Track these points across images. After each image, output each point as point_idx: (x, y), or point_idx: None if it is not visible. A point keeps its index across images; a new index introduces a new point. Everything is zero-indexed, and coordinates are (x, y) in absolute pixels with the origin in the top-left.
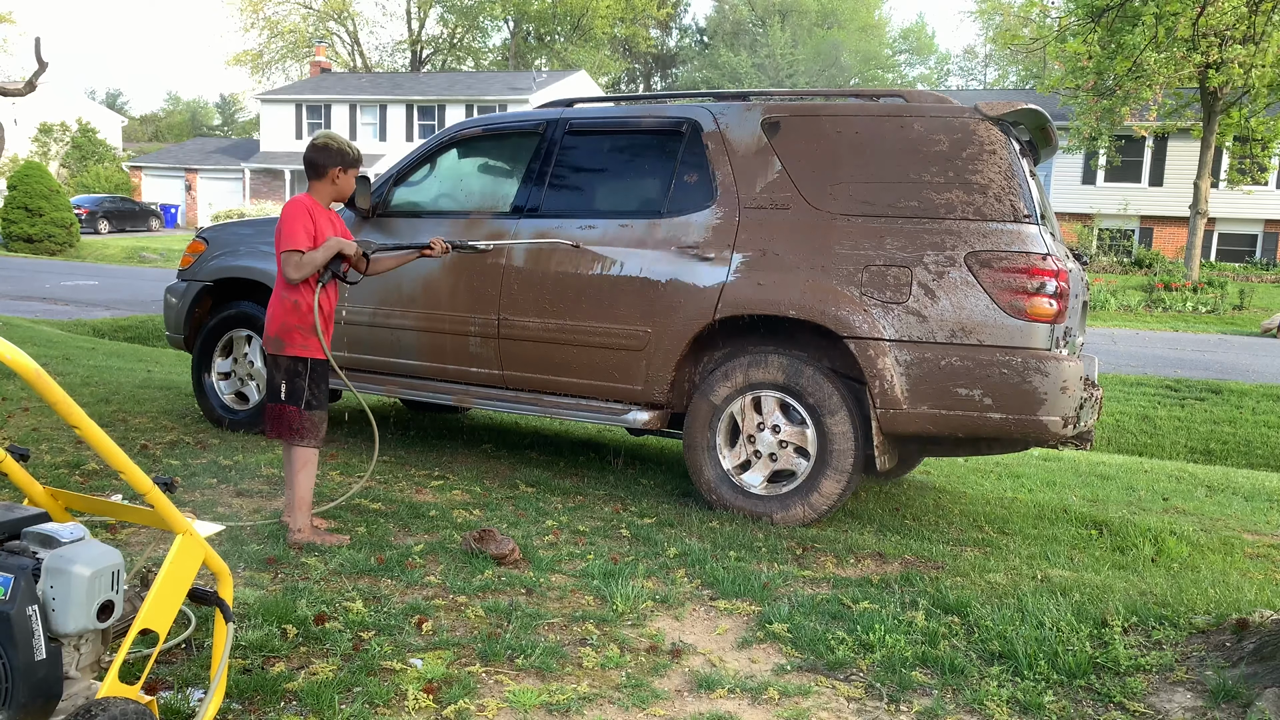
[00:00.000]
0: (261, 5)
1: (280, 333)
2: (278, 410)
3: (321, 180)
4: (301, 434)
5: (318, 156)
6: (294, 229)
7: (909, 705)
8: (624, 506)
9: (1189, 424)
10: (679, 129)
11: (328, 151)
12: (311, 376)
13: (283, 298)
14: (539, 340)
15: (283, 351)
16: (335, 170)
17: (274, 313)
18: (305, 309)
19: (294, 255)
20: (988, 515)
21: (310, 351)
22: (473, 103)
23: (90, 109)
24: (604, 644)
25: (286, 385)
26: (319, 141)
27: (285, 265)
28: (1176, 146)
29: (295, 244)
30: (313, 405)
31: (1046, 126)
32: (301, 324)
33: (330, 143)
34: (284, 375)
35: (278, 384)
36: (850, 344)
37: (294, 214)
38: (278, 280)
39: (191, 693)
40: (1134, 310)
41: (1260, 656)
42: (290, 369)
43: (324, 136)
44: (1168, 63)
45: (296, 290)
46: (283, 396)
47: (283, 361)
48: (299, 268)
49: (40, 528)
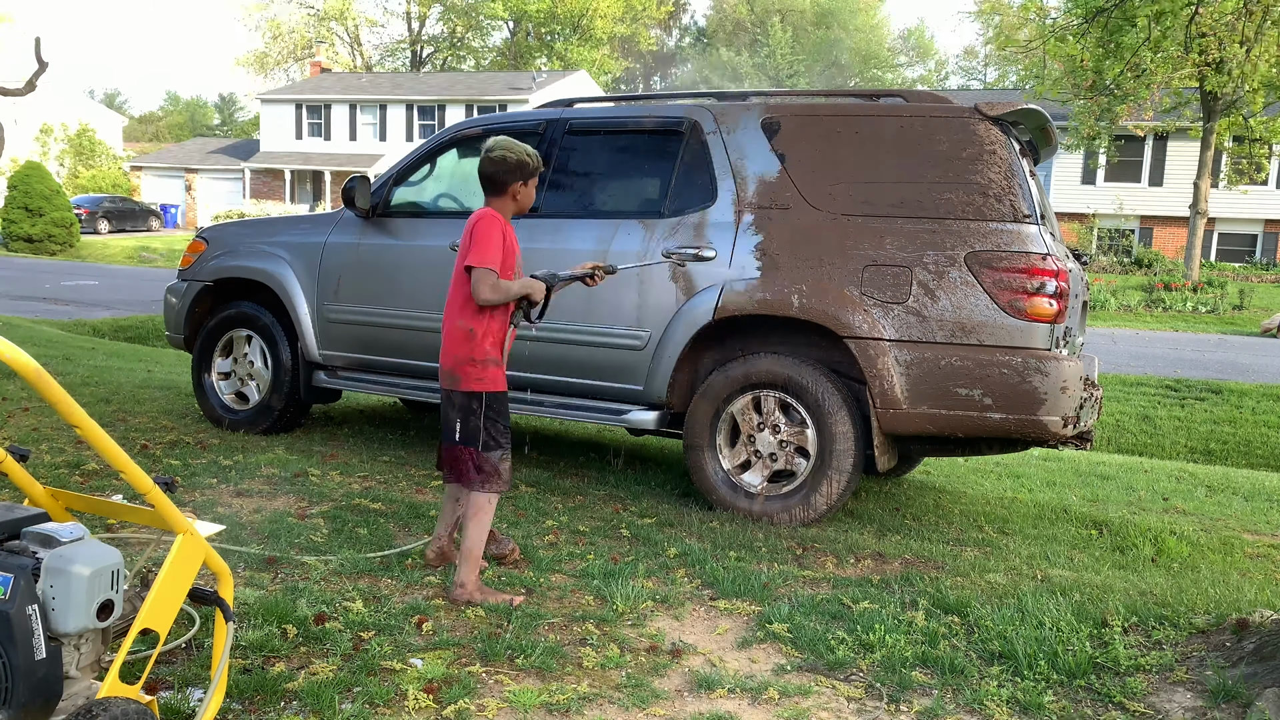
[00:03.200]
0: (263, 6)
1: (455, 365)
2: (454, 453)
3: (502, 197)
4: (479, 479)
5: (497, 171)
6: (490, 243)
7: (909, 705)
8: (624, 506)
9: (1189, 424)
10: (679, 129)
11: (506, 165)
12: (487, 414)
13: (457, 325)
14: (539, 340)
15: (457, 387)
16: (516, 185)
17: (448, 344)
18: (480, 337)
19: (490, 274)
20: (988, 515)
21: (486, 385)
22: (473, 103)
23: (90, 109)
24: (604, 644)
25: (461, 424)
26: (495, 154)
27: (480, 283)
28: (1176, 146)
29: (490, 260)
30: (490, 446)
31: (1046, 126)
32: (475, 355)
33: (508, 154)
34: (458, 413)
35: (452, 422)
36: (850, 344)
37: (490, 227)
38: (452, 305)
39: (191, 692)
40: (1134, 310)
41: (1260, 656)
42: (465, 406)
43: (500, 148)
44: (1165, 63)
45: (473, 317)
46: (457, 437)
47: (457, 398)
48: (495, 289)
49: (40, 527)
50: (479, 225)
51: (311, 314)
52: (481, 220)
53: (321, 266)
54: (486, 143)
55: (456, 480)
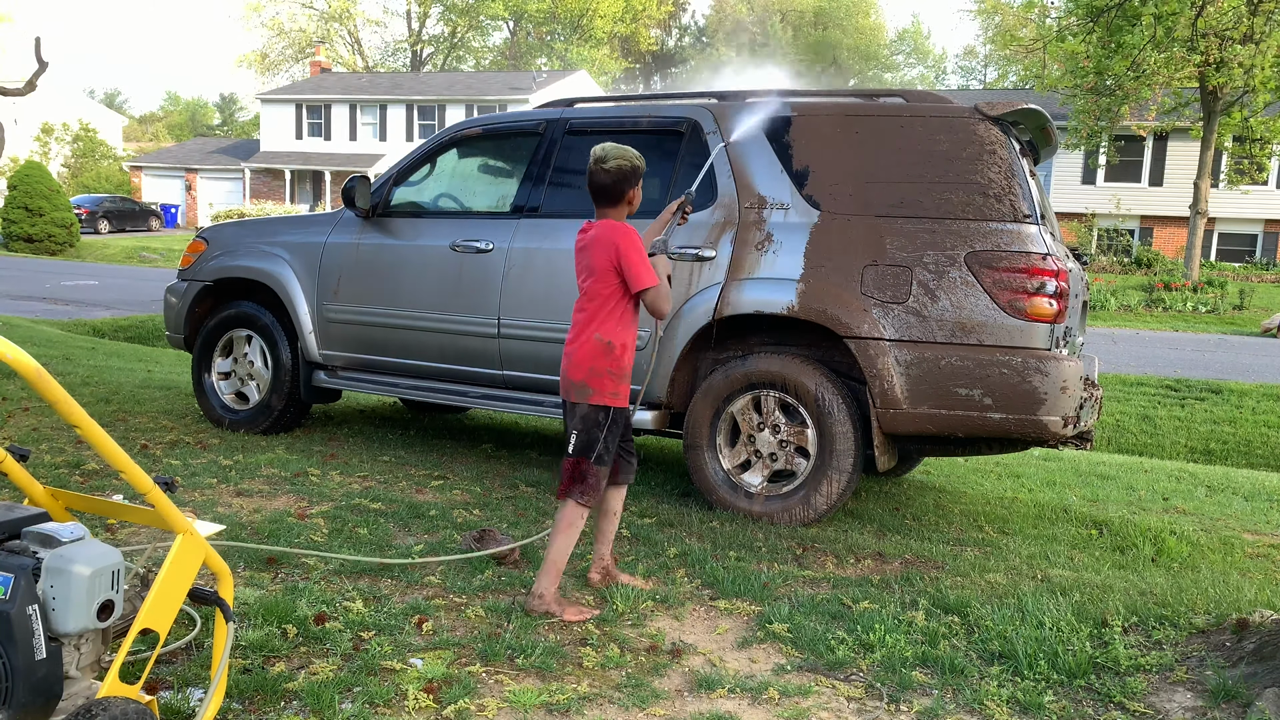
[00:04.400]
0: (263, 6)
1: (589, 378)
2: (566, 464)
3: (618, 205)
4: (579, 490)
5: (615, 181)
6: (644, 260)
7: (909, 705)
8: (623, 506)
9: (1189, 424)
10: (679, 129)
11: (623, 173)
12: (610, 428)
13: (594, 339)
14: (539, 340)
15: (588, 399)
16: (632, 192)
17: (580, 356)
18: (620, 351)
19: (658, 287)
20: (988, 515)
21: (618, 400)
22: (473, 103)
23: (90, 109)
24: (604, 644)
25: (581, 436)
26: (611, 165)
27: (657, 299)
28: (1176, 146)
29: (652, 275)
30: (602, 459)
31: (1046, 126)
32: (613, 368)
33: (624, 163)
34: (580, 424)
35: (569, 434)
36: (850, 344)
37: (634, 243)
38: (586, 319)
39: (191, 692)
40: (1134, 310)
41: (1260, 656)
42: (590, 418)
43: (615, 157)
44: (1167, 63)
45: (615, 331)
46: (571, 449)
47: (582, 410)
48: (667, 297)
49: (40, 527)
50: (624, 246)
51: (311, 314)
52: (622, 239)
53: (321, 266)
54: (597, 153)
55: (559, 492)
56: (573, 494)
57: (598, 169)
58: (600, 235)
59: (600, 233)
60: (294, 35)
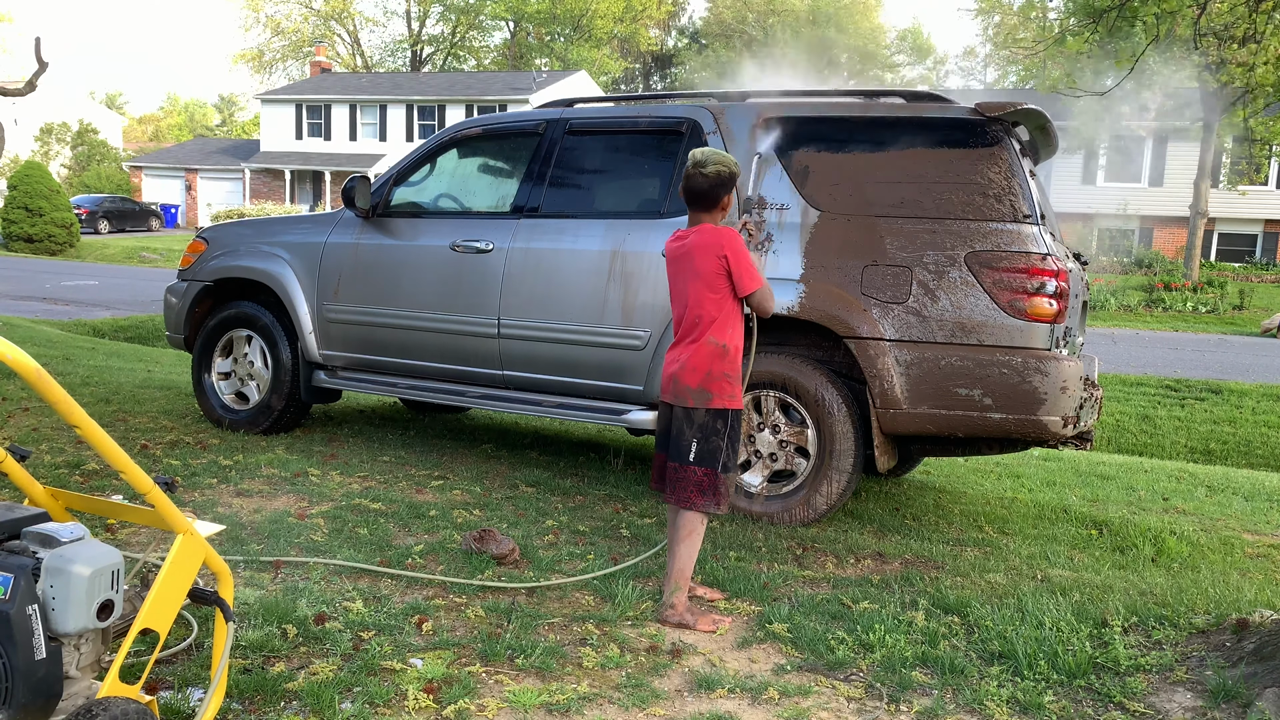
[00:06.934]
0: (262, 5)
1: (706, 382)
2: (683, 473)
3: (713, 210)
4: (703, 501)
5: (713, 186)
6: (750, 262)
7: (909, 705)
8: (624, 506)
9: (1189, 424)
10: (679, 129)
11: (721, 179)
12: (730, 433)
13: (710, 342)
14: (539, 340)
15: (708, 404)
16: (727, 197)
17: (695, 361)
18: (733, 354)
19: (760, 291)
20: (988, 515)
21: (735, 401)
22: (473, 103)
23: (90, 109)
24: (604, 644)
25: (700, 444)
26: (710, 170)
27: (765, 299)
28: (1176, 146)
29: (760, 279)
30: (728, 467)
31: (1046, 126)
32: (729, 370)
33: (722, 168)
34: (698, 432)
35: (687, 442)
36: (850, 344)
37: (741, 247)
38: (698, 324)
39: (191, 692)
40: (1134, 310)
41: (1260, 656)
42: (708, 425)
43: (714, 163)
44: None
45: (724, 332)
46: (692, 457)
47: (698, 416)
48: (772, 298)
49: (40, 527)
50: (733, 249)
51: (311, 314)
52: (729, 243)
53: (321, 266)
54: (696, 157)
55: (679, 502)
56: (703, 506)
57: (696, 173)
58: (704, 240)
59: (703, 238)
60: (291, 34)
